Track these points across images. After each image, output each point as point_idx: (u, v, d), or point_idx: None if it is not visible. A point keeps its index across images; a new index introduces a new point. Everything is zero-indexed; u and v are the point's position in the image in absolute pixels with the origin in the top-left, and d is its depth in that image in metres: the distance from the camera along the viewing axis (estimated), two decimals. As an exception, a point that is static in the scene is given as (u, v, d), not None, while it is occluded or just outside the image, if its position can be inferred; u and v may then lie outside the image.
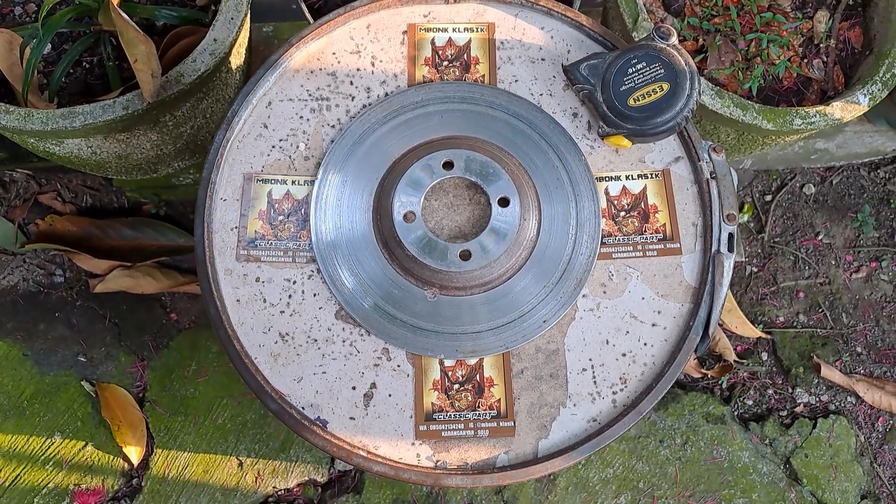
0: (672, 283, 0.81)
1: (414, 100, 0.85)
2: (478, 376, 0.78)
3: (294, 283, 0.79)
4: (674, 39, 0.81)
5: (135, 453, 1.33)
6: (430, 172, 0.80)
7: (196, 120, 1.11)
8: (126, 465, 1.34)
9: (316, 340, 0.78)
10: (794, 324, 1.54)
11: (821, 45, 1.21)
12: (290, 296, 0.79)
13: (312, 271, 0.80)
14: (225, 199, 0.81)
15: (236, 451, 1.34)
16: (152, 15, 1.11)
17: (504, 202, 0.79)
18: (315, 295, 0.79)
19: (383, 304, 0.79)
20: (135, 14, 1.11)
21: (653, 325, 0.80)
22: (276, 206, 0.81)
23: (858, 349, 1.52)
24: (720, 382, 1.47)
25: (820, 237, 1.59)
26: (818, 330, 1.53)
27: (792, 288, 1.56)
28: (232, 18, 1.03)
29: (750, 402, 1.49)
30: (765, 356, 1.51)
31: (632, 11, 1.10)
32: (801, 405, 1.48)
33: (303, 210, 0.81)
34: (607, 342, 0.79)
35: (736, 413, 1.47)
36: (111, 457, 1.34)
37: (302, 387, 0.77)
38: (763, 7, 1.20)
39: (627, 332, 0.79)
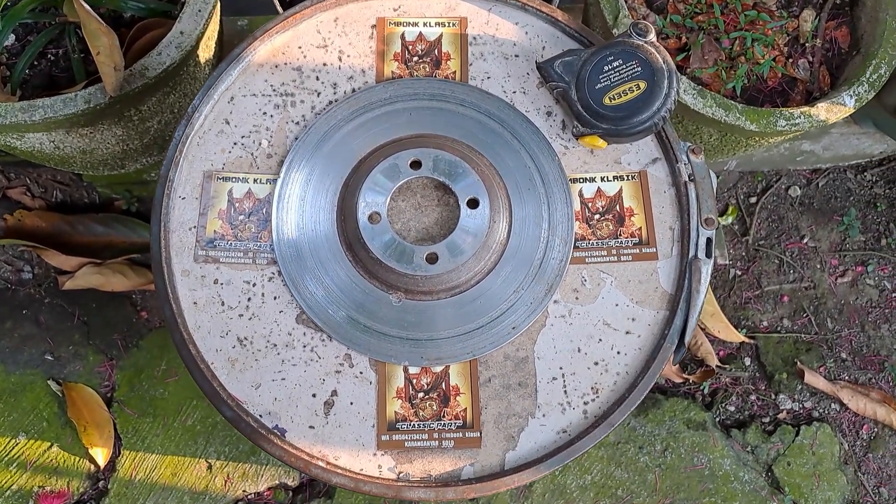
0: (647, 290, 0.78)
1: (382, 96, 0.81)
2: (443, 384, 0.75)
3: (254, 285, 0.76)
4: (651, 36, 0.78)
5: (101, 455, 1.30)
6: (397, 172, 0.77)
7: (163, 115, 1.07)
8: (92, 466, 1.30)
9: (275, 345, 0.75)
10: (779, 328, 1.51)
11: (807, 45, 1.18)
12: (249, 299, 0.76)
13: (273, 274, 0.77)
14: (183, 198, 0.78)
15: (206, 453, 1.31)
16: (119, 6, 1.08)
17: (473, 203, 0.76)
18: (275, 298, 0.76)
19: (346, 308, 0.75)
20: (101, 5, 1.08)
21: (626, 332, 0.77)
22: (237, 205, 0.78)
23: (843, 355, 1.49)
24: (702, 388, 1.44)
25: (805, 240, 1.56)
26: (802, 335, 1.51)
27: (776, 292, 1.53)
28: (199, 10, 1.00)
29: (732, 409, 1.46)
30: (748, 361, 1.49)
31: (612, 8, 1.07)
32: (785, 412, 1.46)
33: (264, 210, 0.78)
34: (579, 350, 0.76)
35: (717, 419, 1.44)
36: (77, 458, 1.31)
37: (260, 394, 0.74)
38: (748, 5, 1.17)
39: (600, 339, 0.76)
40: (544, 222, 0.78)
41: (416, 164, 0.77)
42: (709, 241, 0.79)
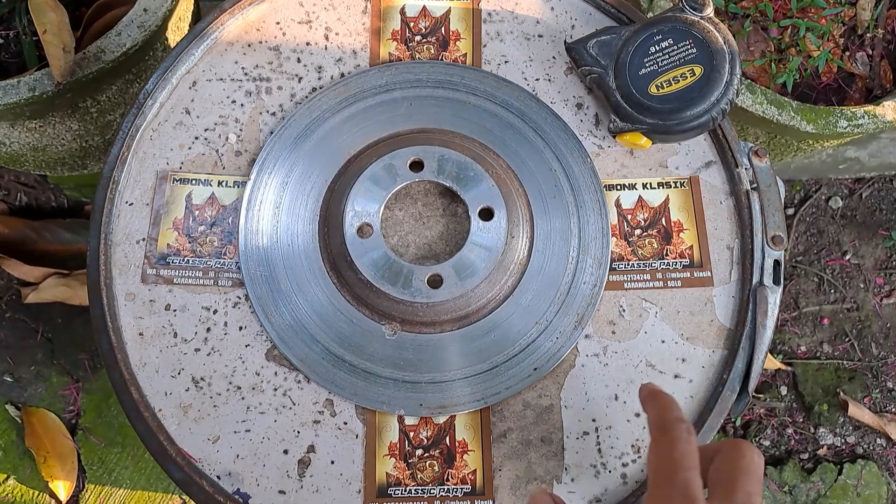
0: (701, 323, 0.63)
1: (377, 83, 0.67)
2: (447, 439, 0.60)
3: (215, 312, 0.62)
4: (709, 10, 0.63)
5: (63, 489, 1.16)
6: (394, 174, 0.62)
7: (125, 107, 0.93)
8: (53, 501, 1.16)
9: (240, 388, 0.60)
10: (818, 354, 1.36)
11: (865, 36, 1.04)
12: (208, 329, 0.61)
13: (239, 298, 0.62)
14: (131, 204, 0.63)
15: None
16: (78, -19, 0.93)
17: (487, 214, 0.61)
18: (241, 328, 0.61)
19: (328, 342, 0.61)
20: (58, -21, 0.93)
21: (675, 376, 0.62)
22: (197, 213, 0.64)
23: (890, 384, 1.34)
24: (733, 420, 1.29)
25: (847, 257, 1.41)
26: (844, 362, 1.36)
27: (815, 313, 1.38)
28: (168, -16, 0.86)
29: (767, 443, 1.31)
30: (784, 390, 1.34)
31: (648, -12, 0.92)
32: (825, 447, 1.31)
33: (230, 219, 0.64)
34: (616, 398, 0.61)
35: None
36: (35, 493, 1.17)
37: (218, 449, 0.59)
38: (799, -11, 1.03)
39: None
40: (573, 238, 0.64)
41: (416, 166, 0.63)
42: (777, 263, 0.64)
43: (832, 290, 1.40)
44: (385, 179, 0.62)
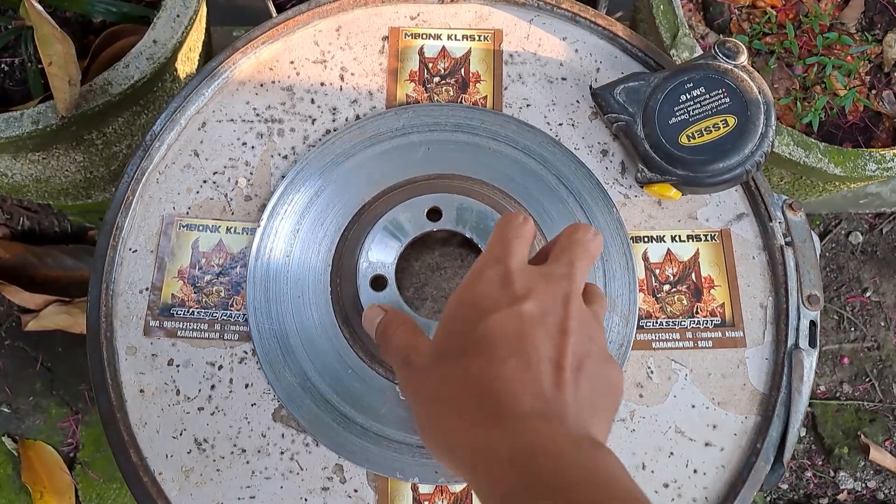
0: (733, 387, 0.60)
1: (394, 126, 0.64)
2: (464, 508, 0.57)
3: (220, 368, 0.58)
4: (743, 58, 0.60)
5: (59, 526, 1.12)
6: (410, 223, 0.59)
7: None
8: (49, 539, 1.13)
9: (244, 451, 0.57)
10: (838, 394, 1.33)
11: (892, 74, 1.01)
12: (213, 386, 0.58)
13: (246, 353, 0.59)
14: (135, 251, 0.61)
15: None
16: (86, 10, 0.91)
17: None
18: (247, 386, 0.58)
19: (339, 402, 0.57)
20: (65, 8, 0.91)
21: (706, 444, 0.58)
22: (204, 261, 0.61)
23: (912, 428, 1.31)
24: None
25: (868, 294, 1.38)
26: (865, 403, 1.32)
27: (835, 352, 1.35)
28: (178, 16, 0.83)
29: (785, 487, 1.27)
30: (803, 432, 1.30)
31: (670, 24, 0.89)
32: (845, 492, 1.27)
33: (238, 268, 0.61)
34: (643, 467, 0.58)
35: (769, 499, 1.25)
36: (31, 530, 1.13)
37: (221, 517, 0.55)
38: (825, 26, 1.00)
39: (671, 453, 0.58)
40: None
41: (434, 214, 0.60)
42: (813, 324, 0.60)
43: (852, 329, 1.36)
44: (401, 229, 0.59)
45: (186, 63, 0.89)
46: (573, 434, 0.38)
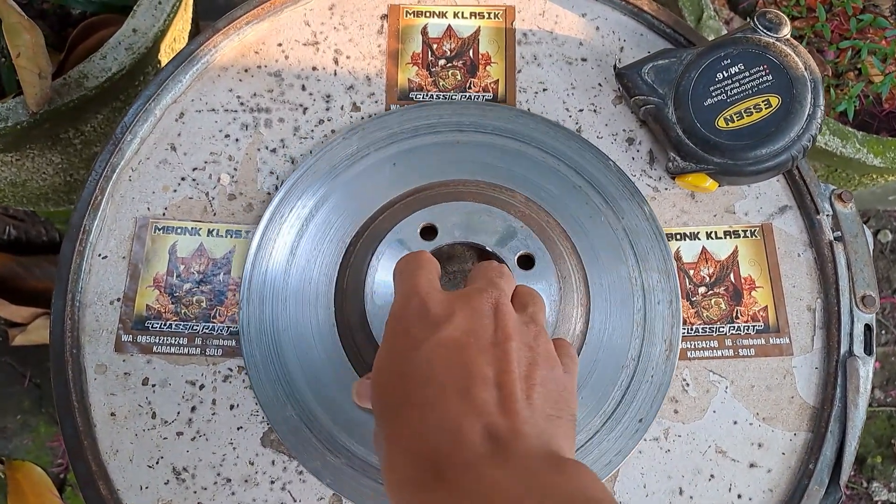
0: (779, 400, 0.53)
1: (397, 128, 0.57)
2: (479, 544, 0.50)
3: (201, 387, 0.52)
4: (786, 31, 0.54)
5: (48, 552, 1.06)
6: (417, 238, 0.52)
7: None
8: (36, 566, 1.06)
9: (230, 480, 0.50)
10: (870, 402, 1.25)
11: (929, 59, 0.94)
12: (193, 408, 0.51)
13: (231, 370, 0.52)
14: (105, 257, 0.54)
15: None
16: (65, 0, 0.85)
17: (527, 261, 0.51)
18: (233, 407, 0.51)
19: (334, 428, 0.51)
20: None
21: (751, 465, 0.52)
22: (182, 267, 0.54)
23: (949, 435, 1.23)
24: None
25: (899, 295, 1.31)
26: (898, 410, 1.25)
27: (865, 357, 1.27)
28: (160, 2, 0.77)
29: (816, 500, 1.20)
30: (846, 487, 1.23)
31: (694, 5, 0.83)
32: (880, 503, 1.20)
33: (221, 275, 0.54)
34: (681, 492, 0.51)
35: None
36: (17, 556, 1.06)
37: (202, 557, 0.49)
38: (858, 8, 0.93)
39: (712, 475, 0.51)
40: (636, 297, 0.54)
41: (429, 232, 0.53)
42: (868, 328, 0.54)
43: (883, 332, 1.29)
44: (409, 243, 0.52)
45: (170, 54, 0.83)
46: (531, 464, 0.33)
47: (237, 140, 0.57)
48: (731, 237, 0.56)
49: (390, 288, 0.49)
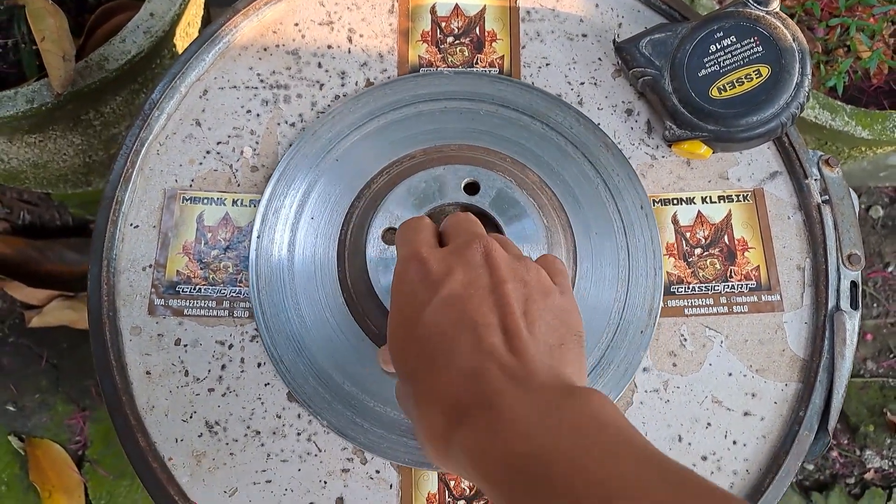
0: (771, 353, 0.56)
1: (407, 94, 0.60)
2: (492, 488, 0.53)
3: (230, 347, 0.55)
4: (775, 4, 0.57)
5: (68, 525, 1.09)
6: (436, 191, 0.56)
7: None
8: (58, 538, 1.10)
9: (259, 433, 0.54)
10: (862, 372, 1.29)
11: (917, 35, 0.97)
12: (223, 366, 0.55)
13: (257, 331, 0.56)
14: (136, 226, 0.57)
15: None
16: (81, -14, 0.88)
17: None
18: (260, 365, 0.55)
19: (351, 387, 0.54)
20: (58, -16, 0.88)
21: (745, 413, 0.55)
22: (210, 235, 0.57)
23: (939, 403, 1.27)
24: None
25: (890, 269, 1.34)
26: (890, 380, 1.28)
27: (858, 329, 1.31)
28: (175, -12, 0.80)
29: (811, 467, 1.24)
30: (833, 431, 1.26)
31: (689, -14, 0.86)
32: (872, 471, 1.24)
33: (247, 242, 0.57)
34: (679, 439, 0.55)
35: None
36: (39, 530, 1.10)
37: (235, 503, 0.52)
38: (847, -14, 0.96)
39: (709, 423, 0.55)
40: (621, 251, 0.57)
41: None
42: (854, 285, 0.57)
43: (875, 304, 1.33)
44: (405, 202, 0.55)
45: (185, 38, 0.86)
46: (545, 394, 0.35)
47: (258, 115, 0.60)
48: (724, 201, 0.60)
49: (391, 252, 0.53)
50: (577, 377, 0.38)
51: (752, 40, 0.56)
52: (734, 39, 0.57)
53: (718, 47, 0.57)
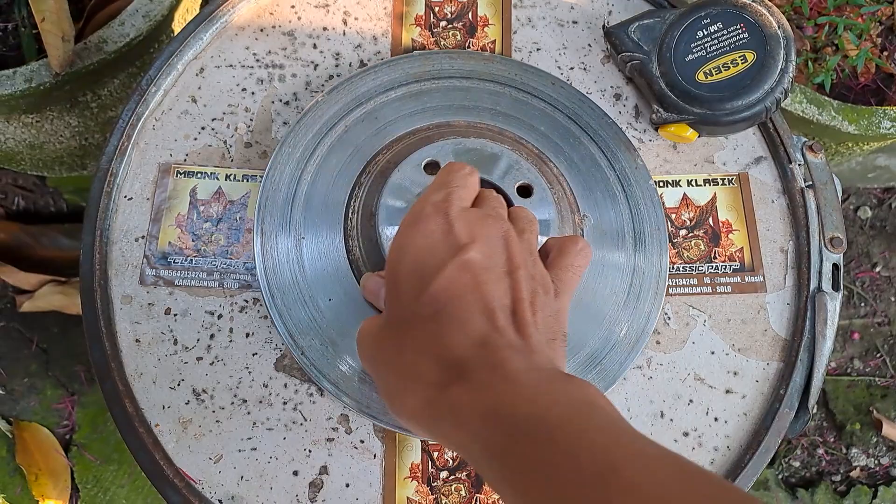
0: (753, 333, 0.57)
1: (406, 72, 0.61)
2: (476, 460, 0.54)
3: (220, 317, 0.56)
4: (762, -8, 0.58)
5: (55, 509, 1.10)
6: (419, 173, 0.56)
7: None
8: (45, 522, 1.10)
9: (245, 401, 0.54)
10: (849, 370, 1.30)
11: (905, 36, 0.99)
12: (212, 336, 0.56)
13: (247, 302, 0.56)
14: (130, 198, 0.58)
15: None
16: (80, -31, 0.88)
17: (525, 191, 0.55)
18: (248, 335, 0.56)
19: (346, 354, 0.55)
20: (58, -32, 0.89)
21: (727, 391, 0.56)
22: (202, 208, 0.58)
23: (925, 403, 1.28)
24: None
25: (878, 269, 1.36)
26: (877, 378, 1.30)
27: (845, 328, 1.32)
28: (174, -28, 0.81)
29: (797, 464, 1.25)
30: (814, 409, 1.27)
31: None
32: (858, 469, 1.25)
33: (238, 215, 0.58)
34: (662, 415, 0.56)
35: (780, 477, 1.23)
36: (26, 513, 1.10)
37: (221, 470, 0.53)
38: (836, -14, 0.98)
39: (691, 400, 0.56)
40: (627, 229, 0.58)
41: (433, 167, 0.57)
42: (836, 267, 0.58)
43: (862, 304, 1.34)
44: (412, 176, 0.56)
45: (183, 24, 0.87)
46: (546, 374, 0.37)
47: (253, 93, 0.61)
48: (710, 185, 0.61)
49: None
50: (563, 367, 0.40)
51: (738, 27, 0.57)
52: (721, 26, 0.58)
53: (705, 33, 0.58)
